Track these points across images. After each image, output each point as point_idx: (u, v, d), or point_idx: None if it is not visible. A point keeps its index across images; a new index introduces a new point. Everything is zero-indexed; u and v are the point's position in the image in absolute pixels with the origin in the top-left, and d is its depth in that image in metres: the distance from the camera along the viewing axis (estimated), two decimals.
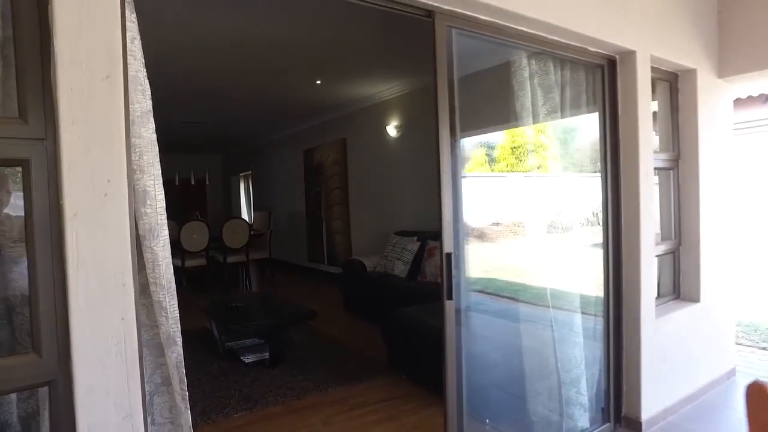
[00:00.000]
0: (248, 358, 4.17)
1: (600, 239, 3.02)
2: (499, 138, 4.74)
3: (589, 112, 3.02)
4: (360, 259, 5.93)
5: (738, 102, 9.48)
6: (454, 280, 2.01)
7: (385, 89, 6.25)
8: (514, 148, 4.34)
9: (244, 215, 11.62)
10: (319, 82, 5.85)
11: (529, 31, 2.45)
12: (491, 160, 5.11)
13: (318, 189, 8.45)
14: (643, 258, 2.90)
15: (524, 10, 2.26)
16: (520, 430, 2.87)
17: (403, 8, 2.06)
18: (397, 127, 6.29)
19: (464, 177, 2.85)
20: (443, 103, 2.13)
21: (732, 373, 3.68)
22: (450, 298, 2.03)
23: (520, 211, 3.89)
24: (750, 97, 8.67)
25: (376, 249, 6.09)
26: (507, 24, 2.35)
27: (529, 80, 2.61)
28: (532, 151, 2.98)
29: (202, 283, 7.63)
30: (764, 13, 3.27)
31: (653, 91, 3.47)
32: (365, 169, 7.12)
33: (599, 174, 2.99)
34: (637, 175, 2.88)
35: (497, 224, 5.42)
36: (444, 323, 2.08)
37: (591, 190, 3.04)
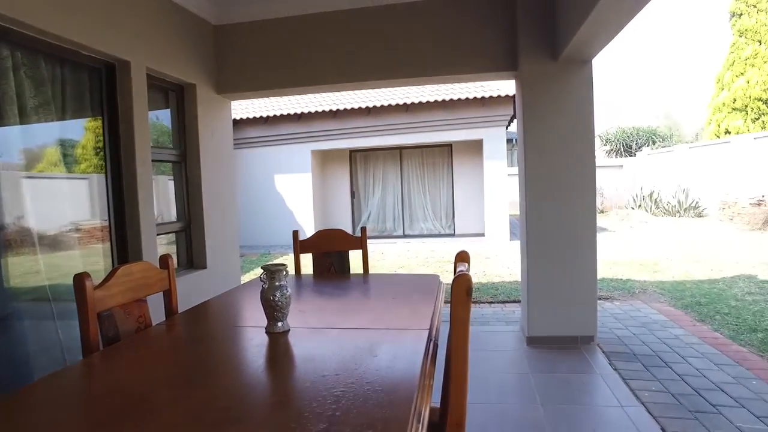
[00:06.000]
0: None
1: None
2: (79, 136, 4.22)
3: (93, 110, 3.42)
4: None
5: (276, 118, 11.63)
6: None
7: None
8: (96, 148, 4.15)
9: None
10: None
11: (6, 25, 2.64)
12: (74, 161, 4.70)
13: None
14: (143, 233, 3.50)
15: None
16: None
17: None
18: None
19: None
20: None
21: None
22: None
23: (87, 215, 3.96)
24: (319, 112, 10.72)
25: None
26: None
27: (14, 71, 2.79)
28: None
29: None
30: (242, 53, 4.43)
31: (167, 97, 4.18)
32: None
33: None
34: (134, 167, 3.45)
35: (77, 230, 5.15)
36: None
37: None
